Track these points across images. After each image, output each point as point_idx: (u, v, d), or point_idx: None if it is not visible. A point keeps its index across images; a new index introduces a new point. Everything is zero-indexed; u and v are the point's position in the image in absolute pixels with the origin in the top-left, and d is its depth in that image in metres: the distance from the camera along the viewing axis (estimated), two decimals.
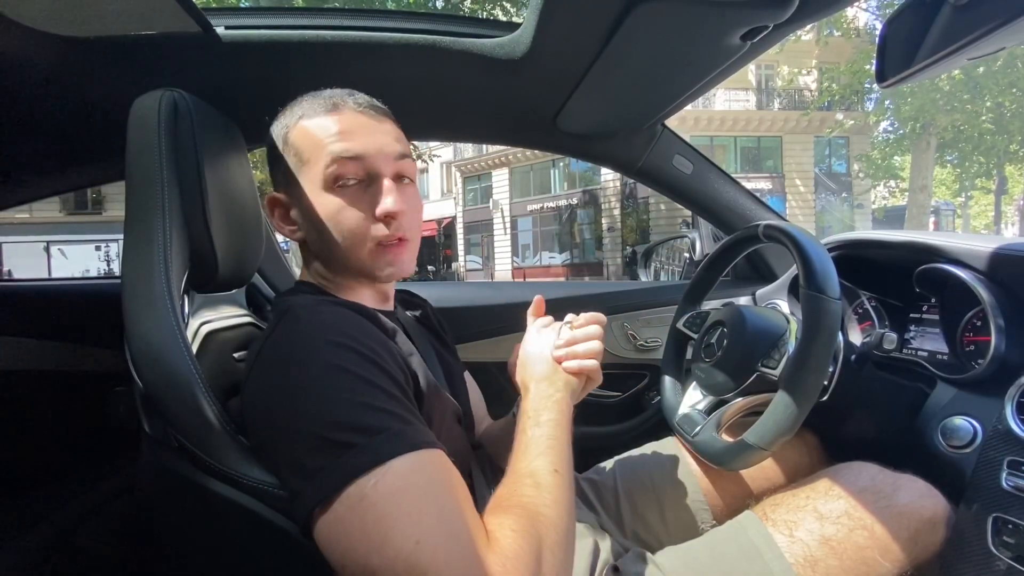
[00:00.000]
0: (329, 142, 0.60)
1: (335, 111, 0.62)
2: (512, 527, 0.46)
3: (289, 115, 0.64)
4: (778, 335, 0.77)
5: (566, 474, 0.55)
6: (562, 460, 0.56)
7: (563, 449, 0.57)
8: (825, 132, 14.74)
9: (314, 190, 0.61)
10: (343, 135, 0.61)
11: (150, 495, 0.63)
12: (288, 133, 0.63)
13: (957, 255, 0.81)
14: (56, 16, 0.68)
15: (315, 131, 0.61)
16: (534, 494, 0.51)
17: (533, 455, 0.55)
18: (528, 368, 0.66)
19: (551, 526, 0.48)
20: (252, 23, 0.82)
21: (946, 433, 0.73)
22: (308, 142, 0.61)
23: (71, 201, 16.20)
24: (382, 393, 0.49)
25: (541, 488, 0.52)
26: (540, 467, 0.54)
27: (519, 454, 0.56)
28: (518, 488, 0.52)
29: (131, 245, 0.58)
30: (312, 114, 0.62)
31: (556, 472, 0.54)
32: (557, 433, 0.58)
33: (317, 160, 0.61)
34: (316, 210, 0.61)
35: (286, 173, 0.63)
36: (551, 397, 0.61)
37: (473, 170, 19.54)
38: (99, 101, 0.88)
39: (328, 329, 0.52)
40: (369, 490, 0.43)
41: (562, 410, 0.61)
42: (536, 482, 0.52)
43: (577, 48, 0.80)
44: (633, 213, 15.68)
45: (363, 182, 0.62)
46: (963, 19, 0.49)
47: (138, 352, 0.54)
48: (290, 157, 0.63)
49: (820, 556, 0.62)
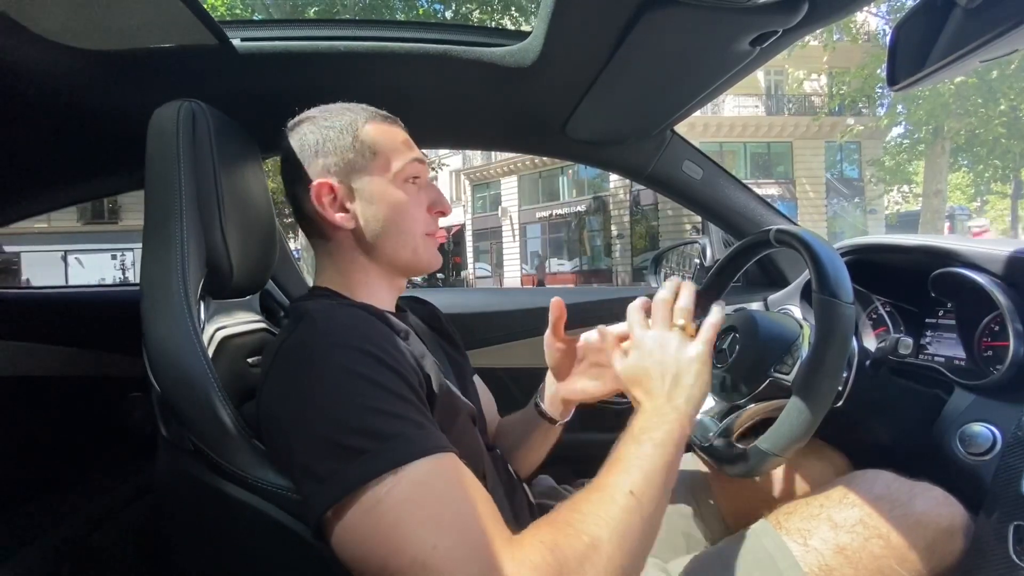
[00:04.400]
0: (405, 144, 0.70)
1: (395, 123, 0.71)
2: (543, 539, 0.44)
3: (346, 115, 0.68)
4: (791, 340, 0.76)
5: (646, 498, 0.50)
6: (648, 483, 0.51)
7: (655, 472, 0.52)
8: (836, 137, 14.64)
9: (385, 183, 0.67)
10: (410, 143, 0.71)
11: (166, 498, 0.64)
12: (359, 130, 0.67)
13: (973, 259, 0.80)
14: (76, 29, 0.70)
15: (389, 133, 0.69)
16: (589, 511, 0.48)
17: (615, 472, 0.52)
18: (644, 381, 0.61)
19: (594, 547, 0.44)
20: (267, 35, 0.83)
21: (964, 440, 0.71)
22: (386, 140, 0.68)
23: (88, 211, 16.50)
24: (396, 398, 0.49)
25: (603, 505, 0.48)
26: (615, 483, 0.50)
27: (603, 471, 0.53)
28: (579, 502, 0.49)
29: (150, 252, 0.59)
30: (375, 120, 0.69)
31: (631, 494, 0.49)
32: (656, 455, 0.53)
33: (396, 156, 0.68)
34: (388, 199, 0.67)
35: (352, 164, 0.66)
36: (665, 416, 0.57)
37: (482, 178, 19.63)
38: (118, 112, 0.90)
39: (343, 333, 0.53)
40: (384, 495, 0.43)
41: (671, 431, 0.56)
42: (601, 497, 0.49)
43: (586, 55, 0.81)
44: (642, 220, 15.64)
45: (421, 182, 0.70)
46: (974, 22, 0.48)
47: (155, 356, 0.55)
48: (363, 150, 0.67)
49: (835, 565, 0.61)
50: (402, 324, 0.65)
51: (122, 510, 1.15)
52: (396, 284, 0.72)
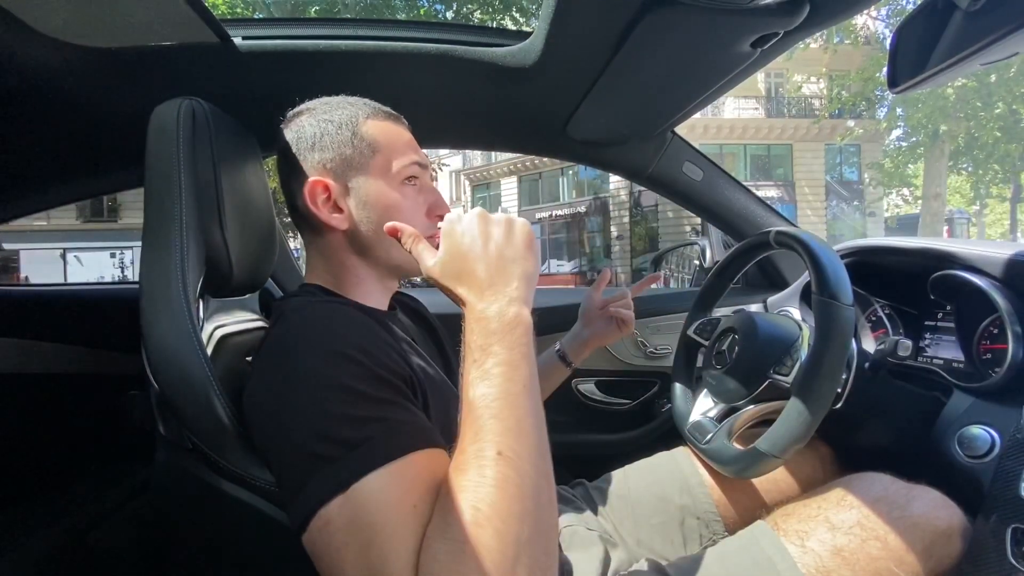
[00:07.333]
0: (407, 145, 0.67)
1: (398, 121, 0.69)
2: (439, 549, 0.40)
3: (347, 109, 0.65)
4: (790, 342, 0.76)
5: (521, 452, 0.43)
6: (514, 431, 0.43)
7: (518, 416, 0.44)
8: (836, 140, 14.65)
9: (383, 184, 0.64)
10: (413, 143, 0.68)
11: (164, 496, 0.63)
12: (359, 126, 0.65)
13: (972, 262, 0.80)
14: (78, 27, 0.70)
15: (390, 131, 0.66)
16: (470, 502, 0.40)
17: (472, 435, 0.44)
18: (460, 264, 0.51)
19: (489, 539, 0.39)
20: (269, 33, 0.83)
21: (963, 442, 0.71)
22: (387, 138, 0.65)
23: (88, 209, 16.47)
24: (364, 399, 0.47)
25: (477, 490, 0.41)
26: (479, 452, 0.42)
27: (462, 428, 0.45)
28: (449, 492, 0.42)
29: (149, 250, 0.59)
30: (377, 116, 0.67)
31: (500, 456, 0.42)
32: (509, 388, 0.45)
33: (396, 156, 0.65)
34: (385, 200, 0.64)
35: (349, 161, 0.64)
36: (501, 316, 0.48)
37: (482, 178, 19.63)
38: (119, 110, 0.90)
39: (315, 332, 0.52)
40: (334, 516, 0.43)
41: (516, 338, 0.47)
42: (471, 479, 0.41)
43: (587, 56, 0.81)
44: (642, 221, 15.64)
45: (421, 184, 0.68)
46: (974, 24, 0.49)
47: (154, 354, 0.55)
48: (362, 147, 0.64)
49: (832, 567, 0.61)
50: (388, 320, 0.63)
51: (120, 507, 1.15)
52: (388, 285, 0.71)
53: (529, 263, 0.52)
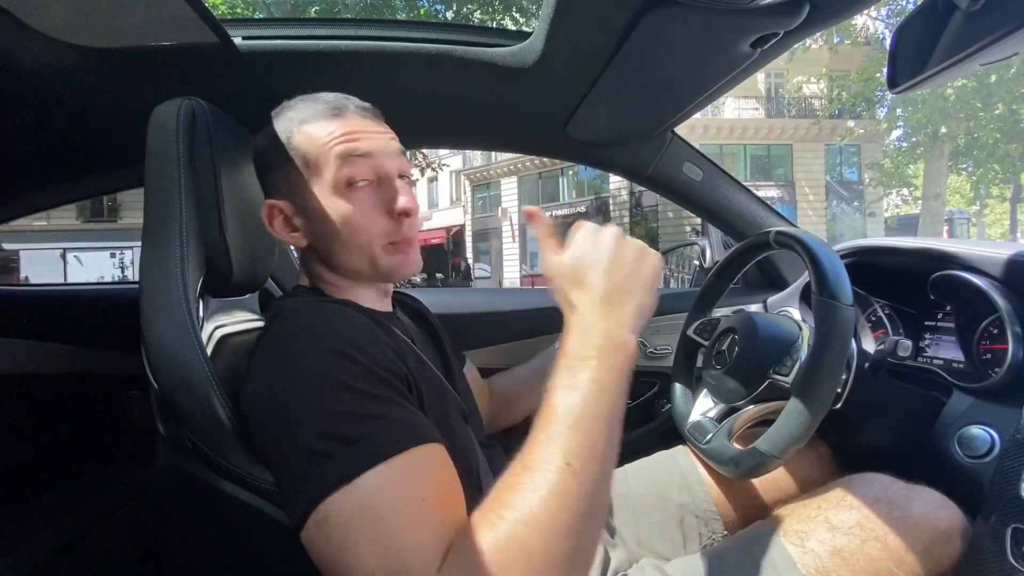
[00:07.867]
0: (338, 143, 0.61)
1: (339, 115, 0.63)
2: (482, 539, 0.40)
3: (287, 119, 0.63)
4: (790, 342, 0.76)
5: (588, 469, 0.42)
6: (587, 447, 0.43)
7: (595, 430, 0.44)
8: (836, 140, 14.66)
9: (325, 193, 0.61)
10: (350, 136, 0.61)
11: (164, 496, 0.63)
12: (292, 138, 0.62)
13: (972, 262, 0.80)
14: (78, 27, 0.70)
15: (321, 135, 0.61)
16: (514, 501, 0.41)
17: (545, 437, 0.43)
18: (585, 272, 0.51)
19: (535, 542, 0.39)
20: (269, 33, 0.83)
21: (963, 443, 0.71)
22: (315, 146, 0.61)
23: (87, 209, 16.47)
24: (362, 397, 0.47)
25: (537, 491, 0.41)
26: (548, 456, 0.42)
27: (537, 427, 0.45)
28: (502, 490, 0.43)
29: (149, 250, 0.59)
30: (314, 119, 0.62)
31: (568, 467, 0.41)
32: (595, 407, 0.44)
33: (327, 163, 0.61)
34: (328, 213, 0.61)
35: (289, 178, 0.62)
36: (610, 335, 0.47)
37: (482, 178, 19.62)
38: (118, 110, 0.90)
39: (312, 331, 0.53)
40: (333, 511, 0.43)
41: (617, 362, 0.47)
42: (535, 480, 0.41)
43: (587, 56, 0.81)
44: (642, 221, 15.64)
45: (373, 183, 0.63)
46: (974, 25, 0.49)
47: (154, 354, 0.55)
48: (297, 161, 0.62)
49: (832, 567, 0.61)
50: (386, 321, 0.63)
51: (120, 508, 1.15)
52: (378, 286, 0.69)
53: (647, 298, 0.52)
